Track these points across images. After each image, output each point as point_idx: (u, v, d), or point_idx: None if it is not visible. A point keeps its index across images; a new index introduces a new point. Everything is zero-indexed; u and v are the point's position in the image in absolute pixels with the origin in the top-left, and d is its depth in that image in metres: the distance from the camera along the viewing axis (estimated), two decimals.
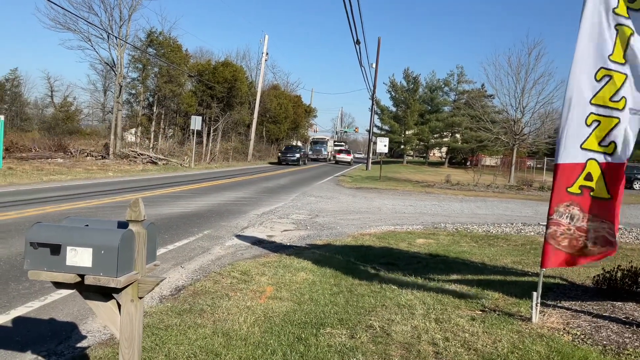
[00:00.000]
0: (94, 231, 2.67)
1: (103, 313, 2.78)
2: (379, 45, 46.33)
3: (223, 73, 42.53)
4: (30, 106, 68.11)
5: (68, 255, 2.57)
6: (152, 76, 40.11)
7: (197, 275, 6.48)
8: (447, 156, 70.48)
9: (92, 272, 2.57)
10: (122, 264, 2.58)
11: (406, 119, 65.77)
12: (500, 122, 32.91)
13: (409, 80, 67.88)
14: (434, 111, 67.04)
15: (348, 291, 5.74)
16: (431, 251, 8.36)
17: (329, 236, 9.79)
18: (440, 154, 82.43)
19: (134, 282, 2.69)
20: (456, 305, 5.30)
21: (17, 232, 8.40)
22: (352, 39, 27.26)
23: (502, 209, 16.46)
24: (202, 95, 42.16)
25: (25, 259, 2.63)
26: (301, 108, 67.55)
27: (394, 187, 24.15)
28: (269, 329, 4.48)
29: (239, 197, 16.37)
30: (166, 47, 38.29)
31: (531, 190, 25.95)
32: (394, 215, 13.52)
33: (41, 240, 2.59)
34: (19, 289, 5.48)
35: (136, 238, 2.70)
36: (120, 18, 33.26)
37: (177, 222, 10.48)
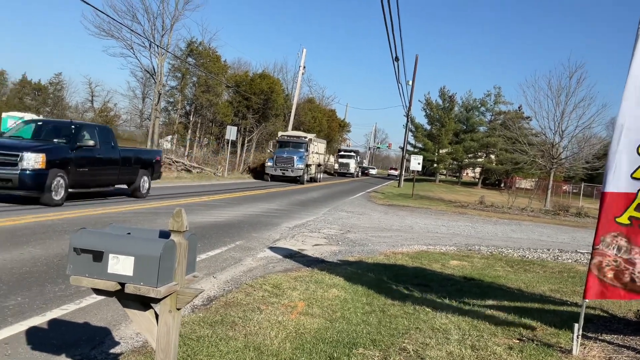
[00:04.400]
0: (137, 240, 2.67)
1: (141, 322, 2.76)
2: (416, 63, 46.24)
3: (260, 84, 42.98)
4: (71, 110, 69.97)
5: (110, 262, 2.58)
6: (191, 85, 40.83)
7: (228, 286, 6.47)
8: (480, 177, 69.61)
9: (133, 281, 2.56)
10: (162, 274, 2.56)
11: (440, 138, 65.32)
12: (538, 145, 32.34)
13: (445, 98, 67.53)
14: (469, 131, 66.42)
15: (380, 311, 5.64)
16: (465, 274, 8.18)
17: (360, 253, 9.70)
18: (473, 174, 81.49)
19: (173, 292, 2.68)
20: (492, 332, 5.15)
21: (54, 234, 8.56)
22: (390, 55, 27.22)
23: (537, 233, 16.08)
24: (238, 105, 42.65)
25: (68, 264, 2.64)
26: (335, 122, 67.71)
27: (426, 206, 23.89)
28: (301, 345, 4.41)
29: (271, 209, 16.40)
30: (205, 57, 38.97)
31: (567, 215, 25.34)
32: (427, 234, 13.34)
33: (85, 246, 2.60)
34: (55, 291, 5.55)
35: (177, 249, 2.69)
36: (163, 27, 34.05)
37: (209, 231, 10.53)
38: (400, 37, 47.45)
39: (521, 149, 32.04)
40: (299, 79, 49.48)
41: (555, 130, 29.52)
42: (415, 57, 46.53)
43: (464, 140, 65.25)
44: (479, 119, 67.58)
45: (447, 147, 66.78)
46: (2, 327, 4.39)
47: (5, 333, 4.27)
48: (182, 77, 39.50)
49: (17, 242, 7.63)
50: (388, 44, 46.00)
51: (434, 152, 66.58)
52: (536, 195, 33.08)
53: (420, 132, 68.76)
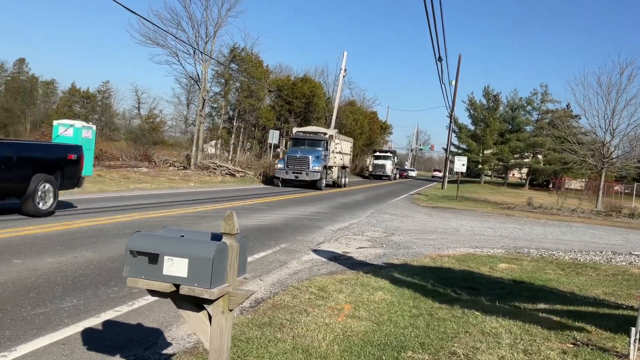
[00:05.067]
0: (190, 242, 2.73)
1: (194, 323, 2.82)
2: (459, 63, 45.57)
3: (301, 88, 43.29)
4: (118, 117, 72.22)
5: (165, 264, 2.64)
6: (234, 90, 41.45)
7: (275, 289, 6.53)
8: (527, 177, 67.88)
9: (187, 282, 2.61)
10: (215, 276, 2.61)
11: (485, 138, 64.10)
12: (587, 144, 31.34)
13: (489, 98, 66.28)
14: (514, 130, 64.90)
15: (428, 314, 5.58)
16: (515, 277, 8.00)
17: (405, 256, 9.61)
18: (520, 175, 79.64)
19: (225, 294, 2.72)
20: (545, 336, 5.01)
21: (106, 238, 8.82)
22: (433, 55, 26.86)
23: (589, 235, 15.59)
24: (281, 109, 43.06)
25: (125, 266, 2.71)
26: (377, 124, 67.46)
27: (471, 208, 23.49)
28: (348, 348, 4.41)
29: (314, 212, 16.46)
30: (248, 63, 39.48)
31: (620, 216, 24.44)
32: (473, 237, 13.11)
33: (141, 248, 2.67)
34: (108, 293, 5.71)
35: (229, 251, 2.73)
36: (206, 34, 34.65)
37: (254, 234, 10.65)
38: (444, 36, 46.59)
39: (570, 148, 31.09)
40: (340, 82, 49.40)
41: (606, 129, 28.53)
42: (459, 57, 45.86)
43: (509, 141, 63.80)
44: (525, 119, 65.90)
45: (492, 148, 65.43)
46: (59, 328, 4.55)
47: (62, 334, 4.42)
48: (226, 83, 40.13)
49: (70, 246, 7.90)
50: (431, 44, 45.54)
51: (478, 152, 65.37)
52: (587, 196, 32.06)
53: (464, 133, 67.64)
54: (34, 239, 8.16)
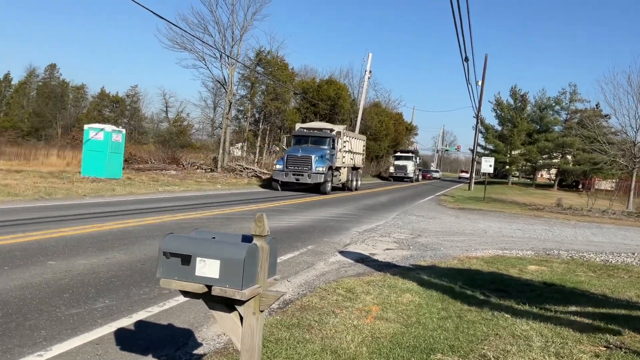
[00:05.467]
0: (221, 244, 2.77)
1: (226, 323, 2.86)
2: (485, 63, 45.15)
3: (327, 91, 43.36)
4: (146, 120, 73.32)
5: (197, 266, 2.68)
6: (260, 93, 41.74)
7: (302, 290, 6.56)
8: (556, 178, 66.74)
9: (219, 283, 2.65)
10: (246, 277, 2.64)
11: (512, 139, 63.26)
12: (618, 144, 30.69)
13: (516, 98, 65.45)
14: (543, 131, 63.93)
15: (457, 316, 5.54)
16: (545, 279, 7.89)
17: (432, 257, 9.56)
18: (548, 176, 78.34)
19: (256, 295, 2.75)
20: (577, 339, 4.94)
21: (137, 240, 8.97)
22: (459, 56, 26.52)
23: (620, 237, 15.26)
24: (306, 112, 43.19)
25: (158, 267, 2.77)
26: (402, 125, 67.21)
27: (499, 209, 23.21)
28: (377, 350, 4.41)
29: (340, 214, 16.47)
30: (273, 66, 39.73)
31: None
32: (501, 238, 12.96)
33: (173, 250, 2.72)
34: (139, 294, 5.82)
35: (260, 252, 2.76)
36: (233, 38, 35.00)
37: (281, 236, 10.70)
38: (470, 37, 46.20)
39: (600, 148, 30.49)
40: (365, 84, 49.38)
41: (637, 128, 27.87)
42: (485, 57, 45.47)
43: (537, 141, 62.84)
44: (553, 118, 64.86)
45: (520, 148, 64.53)
46: (93, 328, 4.65)
47: (95, 334, 4.52)
48: (252, 86, 40.45)
49: (102, 247, 8.06)
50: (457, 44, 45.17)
51: (505, 153, 64.50)
52: (617, 197, 31.37)
53: (491, 134, 66.89)
54: (66, 241, 8.35)
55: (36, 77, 74.92)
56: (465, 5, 21.74)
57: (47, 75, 75.07)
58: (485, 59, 45.53)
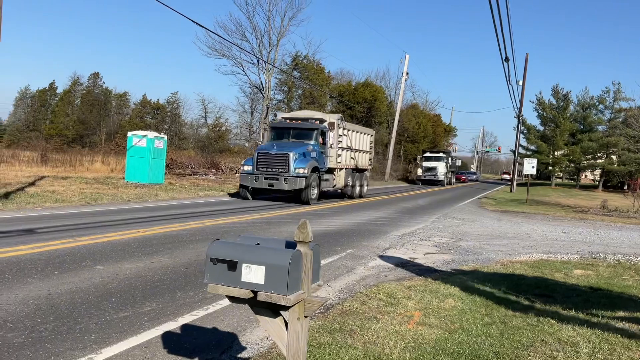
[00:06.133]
0: (266, 250, 2.82)
1: (271, 328, 2.90)
2: (526, 62, 44.26)
3: (363, 93, 43.30)
4: (186, 126, 74.61)
5: (243, 271, 2.73)
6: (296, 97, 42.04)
7: (343, 295, 6.57)
8: (601, 179, 64.81)
9: (264, 289, 2.70)
10: (291, 283, 2.68)
11: (555, 139, 61.83)
12: None
13: (558, 97, 63.96)
14: (586, 130, 62.24)
15: (502, 322, 5.45)
16: (591, 284, 7.68)
17: (474, 262, 9.42)
18: (592, 177, 76.20)
19: (301, 301, 2.78)
20: (626, 345, 4.80)
21: (180, 244, 9.15)
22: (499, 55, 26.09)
23: None
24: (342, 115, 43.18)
25: (205, 273, 2.83)
26: (440, 127, 66.49)
27: (543, 212, 22.69)
28: (420, 356, 4.38)
29: (379, 217, 16.41)
30: (310, 70, 39.97)
31: None
32: (545, 242, 12.68)
33: (220, 256, 2.78)
34: (184, 298, 5.94)
35: (303, 258, 2.79)
36: (270, 44, 35.45)
37: (320, 240, 10.73)
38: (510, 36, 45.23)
39: None
40: (402, 86, 49.14)
41: None
42: (526, 56, 44.57)
43: (581, 141, 61.20)
44: (597, 118, 63.07)
45: (563, 149, 62.98)
46: (141, 331, 4.77)
47: (144, 337, 4.64)
48: (288, 91, 40.80)
49: (147, 252, 8.26)
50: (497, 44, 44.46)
51: (548, 154, 63.08)
52: None
53: (533, 134, 65.51)
54: (113, 245, 8.59)
55: (80, 86, 77.32)
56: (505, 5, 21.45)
57: (91, 84, 77.37)
58: (525, 58, 44.64)
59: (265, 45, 35.40)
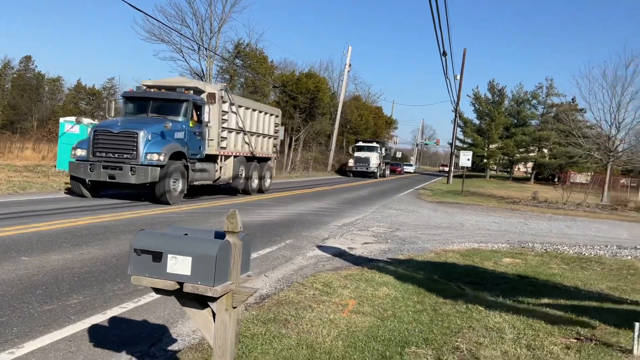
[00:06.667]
0: (194, 240, 2.76)
1: (198, 320, 2.85)
2: (464, 57, 45.47)
3: (306, 84, 43.24)
4: None
5: (169, 262, 2.67)
6: (239, 86, 41.47)
7: (280, 285, 6.56)
8: (533, 172, 67.75)
9: (191, 280, 2.64)
10: (219, 274, 2.64)
11: (490, 132, 64.08)
12: (593, 138, 31.22)
13: (494, 92, 66.23)
14: (520, 125, 64.83)
15: (432, 309, 5.60)
16: (519, 272, 8.01)
17: (410, 251, 9.63)
18: (525, 169, 79.47)
19: (229, 292, 2.75)
20: (549, 331, 5.03)
21: (112, 235, 8.88)
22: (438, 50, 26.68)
23: (594, 229, 15.55)
24: (285, 105, 43.01)
25: (129, 264, 2.75)
26: (382, 119, 67.41)
27: (477, 203, 23.47)
28: (353, 344, 4.44)
29: (320, 208, 16.49)
30: (252, 59, 39.50)
31: (626, 210, 24.35)
32: (478, 232, 13.12)
33: (145, 247, 2.70)
34: (114, 290, 5.76)
35: (232, 249, 2.76)
36: (211, 30, 34.73)
37: (259, 230, 10.68)
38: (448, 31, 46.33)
39: (575, 142, 30.99)
40: (344, 77, 49.50)
41: (612, 122, 28.41)
42: (464, 51, 45.75)
43: (515, 135, 63.72)
44: (530, 113, 65.83)
45: (498, 142, 65.41)
46: (66, 324, 4.60)
47: (69, 331, 4.47)
48: (230, 79, 40.17)
49: (77, 243, 7.96)
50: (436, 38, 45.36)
51: (483, 147, 65.33)
52: (592, 190, 31.98)
53: (469, 127, 67.61)
54: (40, 236, 8.23)
55: (11, 69, 73.35)
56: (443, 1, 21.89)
57: (22, 68, 73.58)
58: (463, 54, 45.86)
59: (206, 32, 34.73)
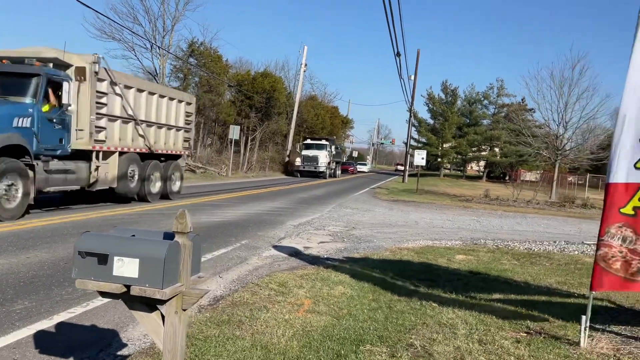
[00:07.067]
0: (141, 242, 2.68)
1: (147, 324, 2.77)
2: (417, 58, 46.17)
3: (262, 83, 42.98)
4: None
5: (115, 265, 2.58)
6: (193, 85, 40.84)
7: (235, 286, 6.48)
8: (485, 170, 69.45)
9: (138, 282, 2.56)
10: (167, 276, 2.57)
11: (444, 132, 65.28)
12: (542, 137, 32.21)
13: (447, 92, 67.51)
14: (472, 124, 66.34)
15: (387, 307, 5.64)
16: (472, 268, 8.17)
17: (366, 249, 9.69)
18: (477, 168, 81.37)
19: (178, 294, 2.68)
20: (499, 326, 5.14)
21: (60, 237, 8.58)
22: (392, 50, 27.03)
23: (543, 226, 16.04)
24: (241, 105, 42.68)
25: (73, 267, 2.64)
26: (338, 119, 67.66)
27: (431, 201, 23.86)
28: (308, 343, 4.42)
29: (276, 207, 16.42)
30: (207, 57, 38.95)
31: (573, 207, 25.24)
32: (432, 229, 13.33)
33: (89, 249, 2.60)
34: (61, 294, 5.57)
35: (182, 250, 2.69)
36: (164, 29, 34.10)
37: (215, 231, 10.55)
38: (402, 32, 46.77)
39: (525, 141, 31.91)
40: (300, 77, 49.44)
41: (559, 122, 29.38)
42: (417, 52, 46.47)
43: (467, 134, 65.17)
44: (482, 112, 67.48)
45: (451, 141, 66.74)
46: (10, 331, 4.41)
47: (13, 337, 4.29)
48: (184, 78, 39.52)
49: (23, 246, 7.66)
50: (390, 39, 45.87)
51: (437, 146, 66.53)
52: (541, 188, 32.99)
53: (424, 127, 68.72)
54: None
55: None
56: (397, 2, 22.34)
57: None
58: (417, 54, 46.57)
59: (159, 30, 34.08)
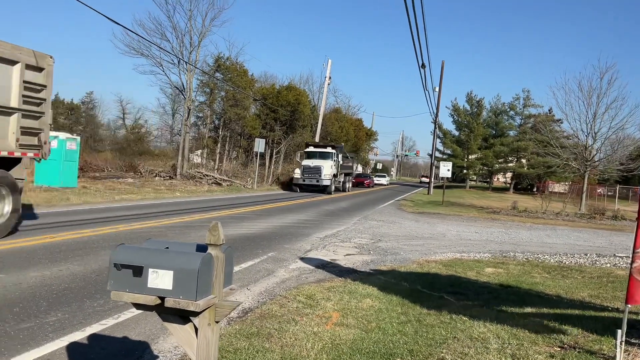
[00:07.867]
0: (175, 254, 2.71)
1: (180, 335, 2.79)
2: (442, 69, 45.99)
3: (286, 97, 43.26)
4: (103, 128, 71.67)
5: (150, 277, 2.61)
6: (219, 100, 41.39)
7: (262, 298, 6.50)
8: (512, 182, 68.54)
9: (172, 294, 2.59)
10: (201, 288, 2.59)
11: (469, 143, 64.67)
12: (570, 148, 31.72)
13: (472, 103, 66.96)
14: (498, 135, 65.63)
15: (416, 321, 5.58)
16: (502, 281, 8.05)
17: (393, 262, 9.63)
18: (504, 180, 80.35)
19: (211, 306, 2.70)
20: (532, 340, 5.04)
21: (92, 250, 8.72)
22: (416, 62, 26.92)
23: (573, 238, 15.73)
24: (266, 118, 42.99)
25: (109, 280, 2.68)
26: (362, 131, 67.68)
27: (457, 213, 23.62)
28: (337, 357, 4.39)
29: (301, 220, 16.44)
30: (233, 72, 39.44)
31: (604, 219, 24.73)
32: (459, 242, 13.18)
33: (124, 261, 2.64)
34: (93, 306, 5.65)
35: (215, 262, 2.71)
36: (191, 44, 34.64)
37: (242, 243, 10.60)
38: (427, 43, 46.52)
39: (553, 152, 31.48)
40: (324, 90, 49.65)
41: (588, 132, 28.97)
42: (442, 63, 46.30)
43: (493, 145, 64.48)
44: (508, 123, 66.72)
45: (477, 153, 66.06)
46: (44, 343, 4.48)
47: (46, 349, 4.35)
48: (211, 92, 40.08)
49: (55, 259, 7.80)
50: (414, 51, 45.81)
51: (463, 158, 65.90)
52: (570, 199, 32.40)
53: (449, 139, 68.18)
54: (17, 253, 8.05)
55: None
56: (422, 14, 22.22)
57: None
58: (442, 66, 46.40)
59: (186, 46, 34.63)
